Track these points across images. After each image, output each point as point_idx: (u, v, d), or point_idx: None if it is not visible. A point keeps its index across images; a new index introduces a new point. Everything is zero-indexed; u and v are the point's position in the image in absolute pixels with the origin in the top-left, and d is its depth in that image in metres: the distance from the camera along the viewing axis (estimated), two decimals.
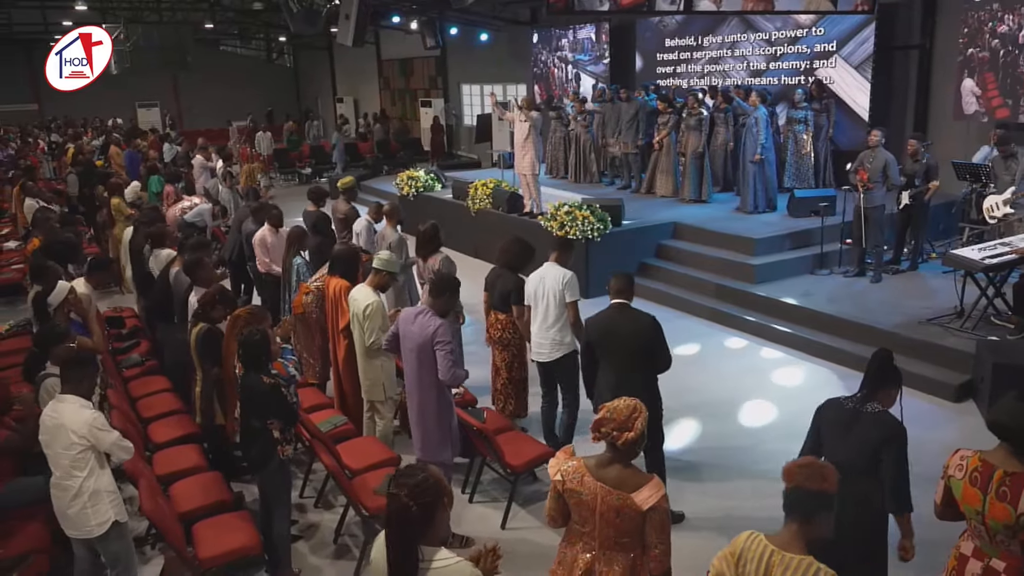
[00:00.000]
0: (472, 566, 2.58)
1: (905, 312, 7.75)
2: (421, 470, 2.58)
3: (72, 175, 13.26)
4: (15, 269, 10.79)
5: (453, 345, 4.76)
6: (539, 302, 5.65)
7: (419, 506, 2.48)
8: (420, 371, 4.78)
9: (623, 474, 3.07)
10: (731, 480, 5.69)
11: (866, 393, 3.60)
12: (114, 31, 19.71)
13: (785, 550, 2.63)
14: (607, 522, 3.06)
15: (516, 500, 5.32)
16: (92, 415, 3.97)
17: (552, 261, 5.70)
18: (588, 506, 3.08)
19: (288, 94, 33.01)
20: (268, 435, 4.30)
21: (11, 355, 7.38)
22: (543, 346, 5.69)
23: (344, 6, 13.50)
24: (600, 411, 3.15)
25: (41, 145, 21.59)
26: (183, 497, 4.79)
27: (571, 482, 3.10)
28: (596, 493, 3.05)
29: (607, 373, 4.83)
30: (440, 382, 4.72)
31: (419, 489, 2.49)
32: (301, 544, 5.05)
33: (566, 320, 5.58)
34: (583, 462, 3.15)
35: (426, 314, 4.79)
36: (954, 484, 3.15)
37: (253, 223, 8.24)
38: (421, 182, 13.50)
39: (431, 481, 2.53)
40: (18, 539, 4.40)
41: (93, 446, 3.94)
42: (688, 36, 14.15)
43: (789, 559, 2.61)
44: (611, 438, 3.05)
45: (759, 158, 10.58)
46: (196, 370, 5.43)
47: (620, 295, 4.89)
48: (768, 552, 2.66)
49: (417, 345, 4.74)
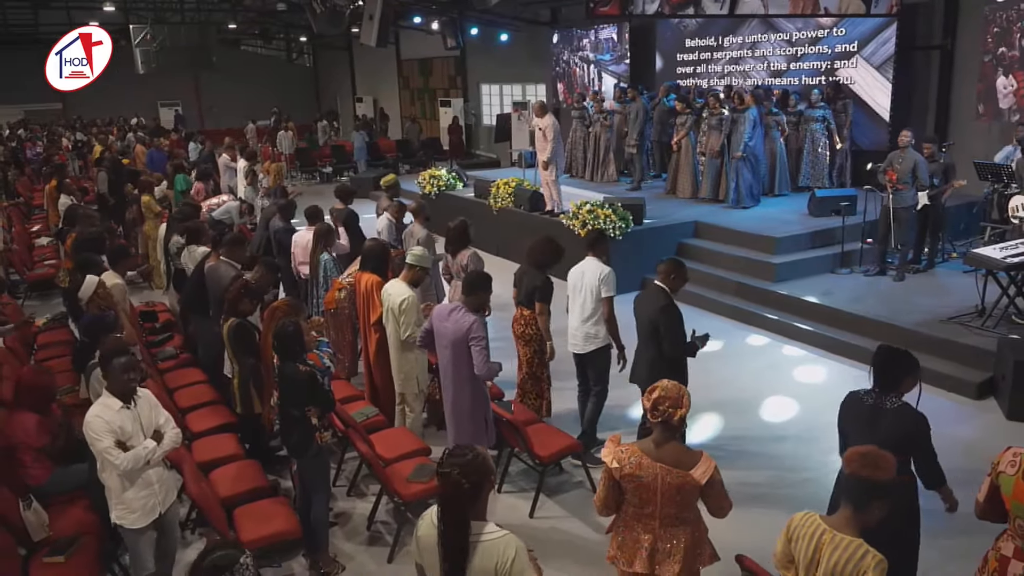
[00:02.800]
0: (518, 539, 2.72)
1: (926, 311, 7.81)
2: (470, 450, 2.73)
3: (101, 173, 13.51)
4: (48, 265, 11.07)
5: (487, 340, 4.88)
6: (576, 295, 5.82)
7: (470, 483, 2.64)
8: (455, 366, 4.89)
9: (679, 453, 3.24)
10: (750, 471, 5.77)
11: (882, 388, 3.65)
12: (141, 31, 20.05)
13: (837, 531, 2.77)
14: (668, 500, 3.21)
15: (543, 490, 5.45)
16: (92, 416, 4.01)
17: (591, 256, 5.84)
18: (649, 488, 3.21)
19: (308, 94, 33.29)
20: (307, 422, 4.45)
21: (48, 348, 7.62)
22: (577, 338, 5.86)
23: (368, 7, 13.68)
24: (652, 393, 3.26)
25: (66, 143, 21.92)
26: (222, 483, 4.96)
27: (628, 467, 3.23)
28: (657, 474, 3.19)
29: (637, 344, 5.37)
30: (474, 376, 4.84)
31: (470, 467, 2.66)
32: (335, 531, 5.20)
33: (601, 315, 5.73)
34: (637, 447, 3.28)
35: (460, 310, 4.91)
36: (1004, 480, 3.11)
37: (281, 220, 8.42)
38: (443, 181, 13.65)
39: (480, 460, 2.70)
40: (66, 522, 4.57)
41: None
42: (708, 37, 14.22)
43: (840, 539, 2.75)
44: (667, 415, 3.19)
45: (740, 155, 10.82)
46: (232, 363, 5.59)
47: (659, 275, 5.20)
48: (820, 531, 2.81)
49: (452, 341, 4.85)
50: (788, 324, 8.42)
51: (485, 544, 2.68)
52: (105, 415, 4.01)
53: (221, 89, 30.78)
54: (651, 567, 3.28)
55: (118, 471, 4.00)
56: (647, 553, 3.28)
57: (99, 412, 4.03)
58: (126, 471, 4.00)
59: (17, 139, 22.41)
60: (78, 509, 4.71)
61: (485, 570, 2.66)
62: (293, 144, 21.66)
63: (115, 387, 4.10)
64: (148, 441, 4.09)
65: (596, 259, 5.84)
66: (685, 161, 12.20)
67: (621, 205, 10.01)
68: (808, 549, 2.81)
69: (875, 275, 9.01)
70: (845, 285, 8.88)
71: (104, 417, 4.00)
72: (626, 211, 9.87)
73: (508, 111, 19.39)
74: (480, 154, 21.98)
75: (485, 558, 2.66)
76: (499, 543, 2.68)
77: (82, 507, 4.73)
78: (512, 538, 2.72)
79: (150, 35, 20.60)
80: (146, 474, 4.12)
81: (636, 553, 3.31)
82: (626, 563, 3.36)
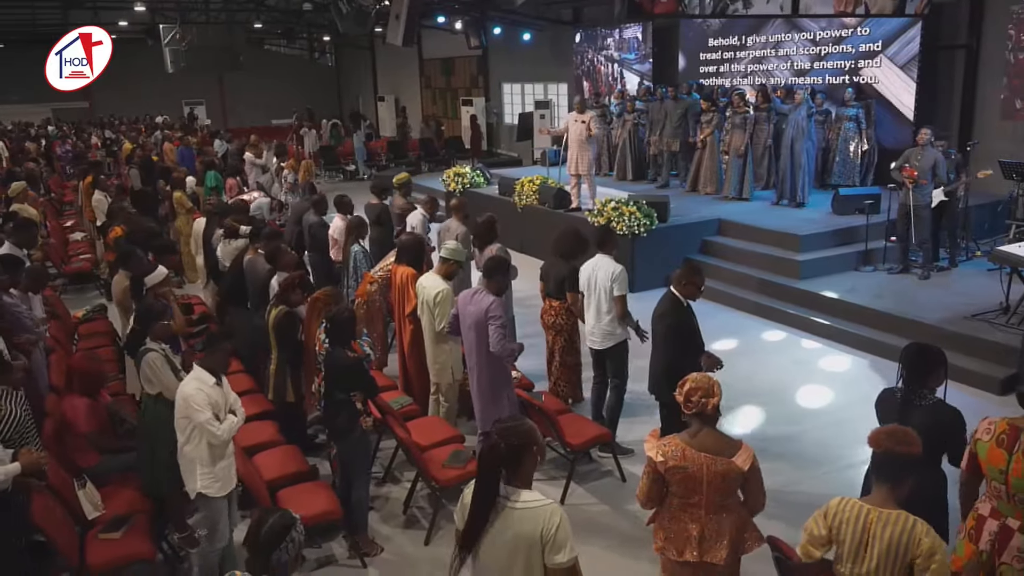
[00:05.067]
0: (562, 509, 2.80)
1: (950, 308, 7.88)
2: (519, 419, 2.87)
3: (133, 170, 13.79)
4: (84, 259, 11.35)
5: (505, 320, 5.02)
6: (592, 293, 5.93)
7: (507, 446, 2.75)
8: (478, 346, 5.09)
9: (719, 441, 3.35)
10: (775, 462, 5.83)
11: (911, 384, 3.72)
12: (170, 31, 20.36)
13: (882, 508, 2.92)
14: (714, 488, 3.32)
15: (573, 478, 5.58)
16: (194, 389, 4.21)
17: (600, 253, 5.96)
18: (695, 478, 3.32)
19: (330, 93, 33.56)
20: (351, 406, 4.63)
21: (89, 338, 7.84)
22: (595, 335, 5.99)
23: (395, 6, 13.86)
24: (683, 386, 3.39)
25: (96, 141, 22.28)
26: (265, 467, 5.13)
27: (673, 459, 3.33)
28: (702, 464, 3.30)
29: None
30: (495, 355, 5.01)
31: (509, 432, 2.78)
32: (372, 515, 5.34)
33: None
34: (678, 439, 3.39)
35: (481, 292, 5.12)
36: (980, 447, 3.41)
37: (315, 215, 8.61)
38: (467, 178, 13.81)
39: (523, 428, 2.81)
40: (119, 501, 4.77)
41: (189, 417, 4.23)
42: (732, 36, 14.27)
43: (887, 514, 2.90)
44: (701, 405, 3.32)
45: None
46: (271, 350, 5.76)
47: (672, 282, 5.24)
48: (864, 511, 2.94)
49: (475, 322, 5.06)
50: (812, 320, 8.51)
51: (529, 510, 2.75)
52: (204, 388, 4.26)
53: (244, 88, 31.14)
54: (701, 555, 3.39)
55: (216, 440, 4.25)
56: (696, 542, 3.38)
57: (199, 386, 4.26)
58: (221, 441, 4.27)
59: (47, 137, 22.80)
60: (129, 490, 4.91)
61: (529, 535, 2.73)
62: (317, 142, 21.91)
63: (214, 363, 4.34)
64: (233, 416, 4.37)
65: (607, 256, 5.94)
66: (709, 159, 12.29)
67: (646, 203, 10.12)
68: (856, 530, 2.94)
69: (898, 273, 9.07)
70: (869, 282, 8.95)
71: (204, 390, 4.25)
72: (651, 208, 9.98)
73: (530, 110, 19.57)
74: (502, 153, 22.14)
75: (528, 523, 2.73)
76: (544, 510, 2.75)
77: (133, 488, 4.93)
78: (556, 506, 2.79)
79: (179, 34, 20.88)
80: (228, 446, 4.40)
81: (686, 543, 3.41)
82: (676, 553, 3.44)
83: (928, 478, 3.66)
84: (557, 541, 2.73)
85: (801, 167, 10.98)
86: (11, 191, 10.84)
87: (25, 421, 4.64)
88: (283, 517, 2.77)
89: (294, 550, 2.76)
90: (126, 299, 6.46)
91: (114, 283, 6.80)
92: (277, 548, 2.72)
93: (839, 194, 10.52)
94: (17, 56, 25.50)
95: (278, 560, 2.72)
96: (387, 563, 4.91)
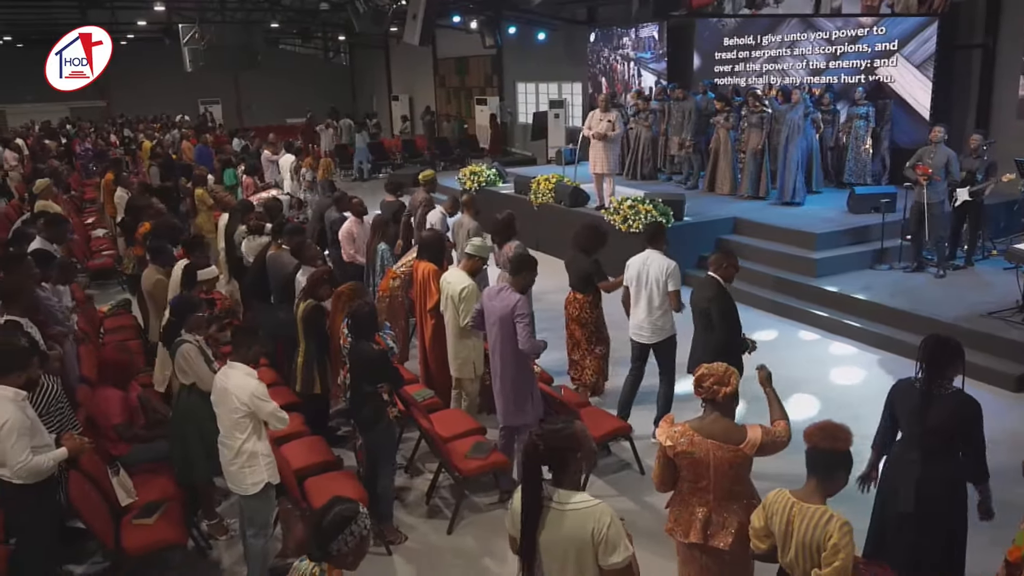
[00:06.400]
0: (611, 508, 2.79)
1: (966, 306, 7.92)
2: (565, 423, 2.84)
3: (154, 168, 13.96)
4: (106, 255, 11.52)
5: (531, 318, 5.11)
6: (642, 288, 6.00)
7: (546, 448, 2.75)
8: (502, 342, 5.18)
9: (728, 429, 3.44)
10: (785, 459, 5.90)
11: (930, 376, 3.77)
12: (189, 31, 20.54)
13: (805, 502, 3.02)
14: (722, 475, 3.41)
15: (592, 471, 5.66)
16: (255, 385, 4.28)
17: (651, 248, 6.05)
18: (702, 463, 3.41)
19: (344, 92, 33.72)
20: (378, 398, 4.74)
21: (115, 332, 7.99)
22: (644, 329, 6.07)
23: (412, 6, 13.95)
24: (698, 370, 3.49)
25: (114, 140, 22.52)
26: (293, 456, 5.23)
27: (681, 445, 3.43)
28: (709, 450, 3.39)
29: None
30: (520, 352, 5.10)
31: (549, 435, 2.78)
32: (396, 504, 5.44)
33: (668, 307, 5.96)
34: (688, 425, 3.49)
35: (507, 290, 5.21)
36: None
37: (337, 211, 8.74)
38: (484, 177, 13.91)
39: (566, 432, 2.79)
40: (151, 488, 4.90)
41: (253, 413, 4.29)
42: (747, 35, 14.32)
43: (807, 508, 3.01)
44: (712, 392, 3.40)
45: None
46: (300, 343, 5.88)
47: (710, 266, 5.45)
48: (790, 504, 3.06)
49: (499, 318, 5.15)
50: (827, 318, 8.57)
51: (579, 512, 2.74)
52: (258, 380, 4.35)
53: (260, 87, 31.34)
54: (704, 537, 3.47)
55: (283, 425, 4.45)
56: (700, 524, 3.47)
57: (256, 378, 4.35)
58: (286, 426, 4.47)
59: (66, 135, 23.05)
60: (160, 478, 5.04)
61: (579, 537, 2.72)
62: (332, 141, 22.07)
63: (249, 358, 4.41)
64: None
65: (658, 252, 6.02)
66: (724, 158, 12.34)
67: (661, 201, 10.19)
68: (782, 522, 3.06)
69: (913, 271, 9.11)
70: (884, 281, 9.00)
71: (261, 382, 4.36)
72: (666, 207, 10.06)
73: (544, 109, 19.66)
74: (516, 152, 22.23)
75: (578, 524, 2.73)
76: (594, 511, 2.74)
77: (164, 476, 5.06)
78: (606, 506, 2.77)
79: (198, 34, 21.07)
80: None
81: (691, 525, 3.51)
82: (682, 534, 3.55)
83: (944, 468, 3.74)
84: (610, 541, 2.71)
85: (794, 167, 11.02)
86: (35, 188, 11.01)
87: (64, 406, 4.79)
88: (348, 508, 2.79)
89: (353, 541, 2.75)
90: (157, 292, 6.60)
91: (144, 276, 6.93)
92: (336, 537, 2.73)
93: (855, 192, 10.57)
94: (35, 56, 25.70)
95: (337, 549, 2.73)
96: (411, 551, 5.02)
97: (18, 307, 5.20)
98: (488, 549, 4.99)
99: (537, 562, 2.81)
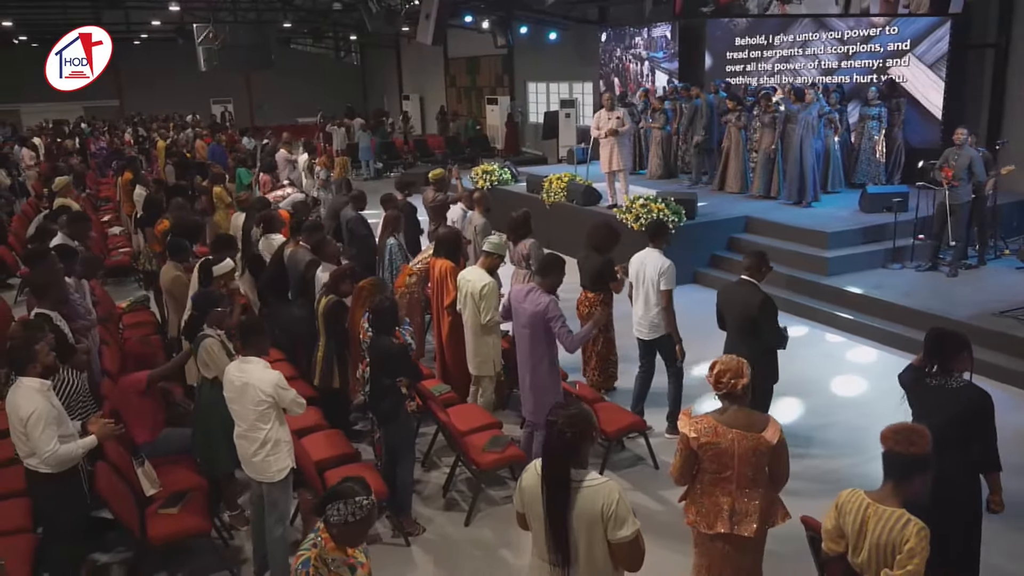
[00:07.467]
0: (618, 486, 2.95)
1: (978, 304, 7.94)
2: (575, 405, 3.00)
3: (169, 166, 14.09)
4: (123, 252, 11.65)
5: (564, 318, 5.16)
6: (640, 286, 6.07)
7: (572, 433, 2.89)
8: (532, 343, 5.19)
9: (748, 417, 3.52)
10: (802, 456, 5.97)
11: (940, 368, 3.84)
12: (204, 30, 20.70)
13: (880, 504, 3.03)
14: (745, 463, 3.48)
15: (607, 465, 5.73)
16: (276, 375, 4.39)
17: (651, 247, 6.09)
18: (727, 453, 3.49)
19: (355, 92, 33.86)
20: (397, 391, 4.82)
21: (134, 327, 8.10)
22: (643, 326, 6.14)
23: (424, 6, 14.05)
24: (713, 368, 3.56)
25: (128, 139, 22.69)
26: (313, 448, 5.32)
27: (705, 436, 3.51)
28: (733, 439, 3.47)
29: (727, 338, 5.50)
30: (551, 353, 5.16)
31: (573, 419, 2.92)
32: (414, 497, 5.52)
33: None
34: (710, 416, 3.57)
35: (536, 291, 5.21)
36: None
37: (352, 210, 8.83)
38: (495, 176, 13.98)
39: (583, 413, 2.96)
40: (174, 479, 4.99)
41: (276, 402, 4.38)
42: (759, 35, 14.34)
43: (883, 511, 3.02)
44: (730, 386, 3.48)
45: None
46: (319, 337, 5.97)
47: (745, 271, 5.42)
48: (865, 505, 3.07)
49: (530, 320, 5.15)
50: (840, 317, 8.61)
51: (589, 489, 2.90)
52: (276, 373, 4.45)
53: (271, 87, 31.52)
54: (731, 527, 3.55)
55: (301, 411, 4.57)
56: (728, 515, 3.55)
57: (273, 371, 4.44)
58: (304, 411, 4.60)
59: (81, 134, 23.25)
60: (183, 469, 5.13)
61: (591, 512, 2.87)
62: (344, 140, 22.19)
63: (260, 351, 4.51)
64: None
65: (657, 250, 6.05)
66: (735, 158, 12.38)
67: (674, 199, 10.24)
68: (856, 522, 3.08)
69: (926, 270, 9.13)
70: (897, 280, 9.03)
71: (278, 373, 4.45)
72: (679, 205, 10.10)
73: (555, 109, 19.73)
74: (527, 151, 22.31)
75: (589, 501, 2.88)
76: (603, 488, 2.90)
77: (186, 467, 5.16)
78: (614, 484, 2.94)
79: (212, 34, 21.23)
80: None
81: (717, 516, 3.58)
82: (707, 527, 3.61)
83: (959, 461, 3.77)
84: (619, 516, 2.86)
85: (809, 167, 11.03)
86: (55, 185, 11.14)
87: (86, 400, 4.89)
88: (357, 486, 2.96)
89: (346, 511, 2.90)
90: (176, 288, 6.70)
91: (162, 273, 7.03)
92: (332, 503, 2.92)
93: (867, 192, 10.59)
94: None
95: (330, 515, 2.91)
96: (429, 542, 5.11)
97: (49, 300, 5.31)
98: (505, 540, 5.06)
99: (572, 538, 2.92)
